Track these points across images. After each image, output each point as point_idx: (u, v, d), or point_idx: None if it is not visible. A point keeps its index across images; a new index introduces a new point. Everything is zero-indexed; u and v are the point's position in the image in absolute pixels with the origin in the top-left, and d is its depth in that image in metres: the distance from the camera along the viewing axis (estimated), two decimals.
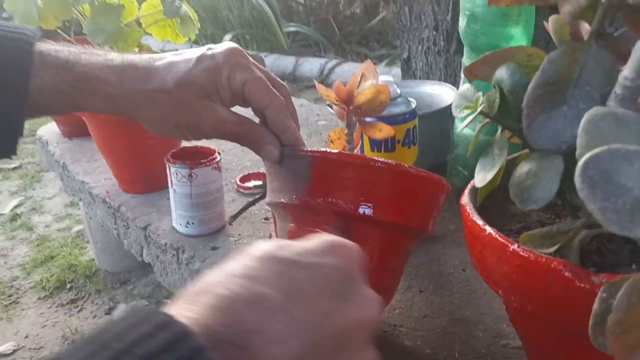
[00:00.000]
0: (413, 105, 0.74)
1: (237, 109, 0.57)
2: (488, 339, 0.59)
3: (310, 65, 3.09)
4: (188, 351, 0.25)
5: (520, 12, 0.73)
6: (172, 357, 0.24)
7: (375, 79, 0.59)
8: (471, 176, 0.44)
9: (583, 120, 0.32)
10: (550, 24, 0.44)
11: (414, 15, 1.30)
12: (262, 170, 1.02)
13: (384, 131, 0.62)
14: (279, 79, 0.57)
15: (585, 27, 0.40)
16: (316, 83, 0.61)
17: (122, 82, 0.51)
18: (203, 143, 1.01)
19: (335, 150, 0.53)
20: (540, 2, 0.40)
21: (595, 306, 0.30)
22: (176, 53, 0.54)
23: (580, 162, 0.29)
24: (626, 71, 0.34)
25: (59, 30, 0.83)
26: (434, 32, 1.24)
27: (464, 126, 0.47)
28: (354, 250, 0.35)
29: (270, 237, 0.80)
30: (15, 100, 0.48)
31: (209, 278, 0.30)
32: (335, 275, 0.33)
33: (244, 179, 1.00)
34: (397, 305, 0.66)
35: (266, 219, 0.88)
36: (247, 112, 0.56)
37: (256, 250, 0.32)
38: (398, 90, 0.74)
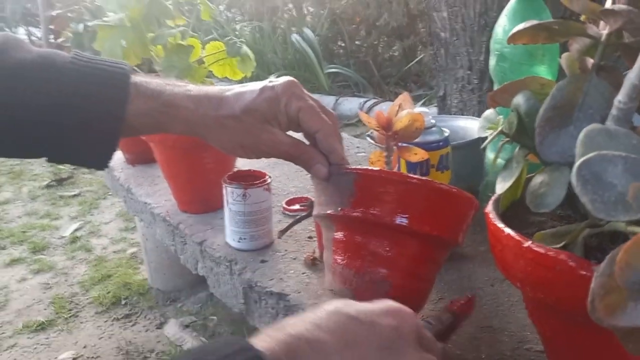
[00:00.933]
0: (446, 134, 0.82)
1: (291, 133, 0.66)
2: (513, 344, 0.65)
3: (350, 104, 3.21)
4: None
5: (544, 52, 0.81)
6: None
7: (411, 108, 0.68)
8: None
9: (581, 135, 0.39)
10: (563, 60, 0.52)
11: (450, 56, 1.39)
12: (306, 195, 1.11)
13: (419, 154, 0.70)
14: (328, 108, 0.66)
15: (590, 62, 0.48)
16: (360, 112, 0.70)
17: (198, 109, 0.61)
18: (255, 167, 1.11)
19: (376, 168, 0.62)
20: (552, 41, 0.48)
21: (592, 285, 0.37)
22: (242, 85, 0.64)
23: (575, 166, 0.36)
24: (620, 96, 0.42)
25: (135, 68, 0.95)
26: (468, 72, 1.32)
27: (496, 157, 0.55)
28: (410, 316, 0.43)
29: (314, 253, 0.87)
30: (113, 124, 0.58)
31: (287, 322, 0.39)
32: (389, 333, 0.41)
33: (290, 202, 1.09)
34: (429, 313, 0.72)
35: (310, 237, 0.96)
36: (299, 136, 0.65)
37: (327, 305, 0.42)
38: (433, 121, 0.82)
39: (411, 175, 0.60)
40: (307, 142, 0.66)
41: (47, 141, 0.56)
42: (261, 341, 0.37)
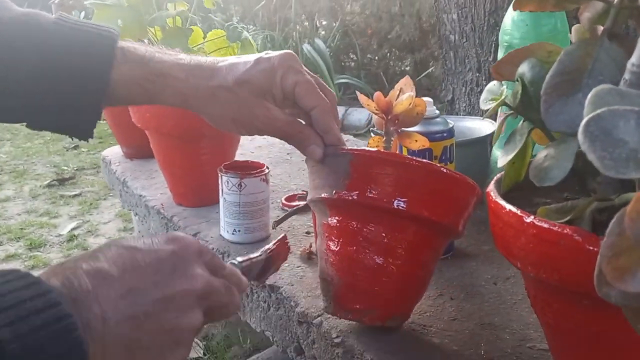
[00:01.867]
0: (450, 125, 0.78)
1: None
2: (515, 342, 0.61)
3: (359, 115, 3.18)
4: (44, 299, 0.35)
5: (555, 43, 0.78)
6: (33, 302, 0.34)
7: (412, 92, 0.65)
8: None
9: (590, 94, 0.36)
10: (573, 33, 0.49)
11: (459, 59, 1.36)
12: (306, 190, 1.08)
13: (420, 141, 0.66)
14: (326, 85, 0.63)
15: (601, 29, 0.45)
16: (358, 94, 0.67)
17: (189, 79, 0.58)
18: (254, 158, 1.08)
19: (374, 149, 0.58)
20: (562, 8, 0.45)
21: (600, 250, 0.33)
22: (237, 56, 0.61)
23: (583, 121, 0.33)
24: (633, 58, 0.39)
25: None
26: (477, 74, 1.29)
27: (498, 131, 0.51)
28: (192, 241, 0.45)
29: (310, 247, 0.84)
30: (97, 87, 0.55)
31: (77, 256, 0.41)
32: (169, 257, 0.43)
33: (289, 198, 1.06)
34: (428, 309, 0.68)
35: (307, 232, 0.92)
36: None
37: (110, 241, 0.43)
38: (437, 111, 0.79)
39: (410, 157, 0.57)
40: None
41: (26, 104, 0.54)
42: (46, 276, 0.38)
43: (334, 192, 0.59)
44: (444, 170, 0.58)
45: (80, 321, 0.36)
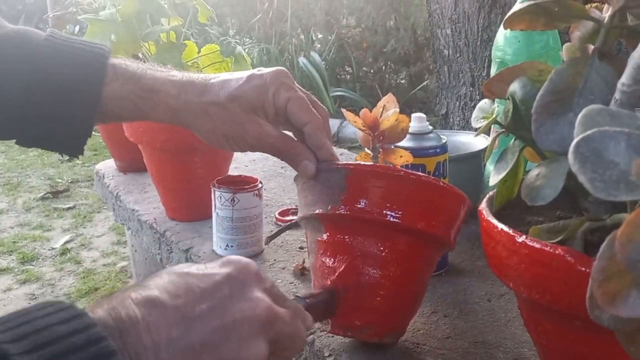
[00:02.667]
0: (443, 140, 0.78)
1: None
2: None
3: (354, 128, 3.18)
4: (86, 335, 0.31)
5: (547, 59, 0.78)
6: (73, 337, 0.30)
7: (397, 109, 0.65)
8: None
9: (580, 114, 0.36)
10: (564, 51, 0.49)
11: (453, 74, 1.37)
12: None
13: (404, 157, 0.66)
14: (318, 102, 0.63)
15: (592, 48, 0.45)
16: (344, 111, 0.67)
17: (181, 95, 0.58)
18: (248, 172, 1.08)
19: (369, 163, 0.58)
20: (552, 27, 0.45)
21: (591, 272, 0.33)
22: (230, 73, 0.61)
23: (574, 142, 0.33)
24: (624, 78, 0.39)
25: None
26: (471, 89, 1.30)
27: (490, 148, 0.51)
28: (248, 264, 0.42)
29: (304, 262, 0.83)
30: (88, 104, 0.55)
31: (125, 287, 0.38)
32: (226, 281, 0.39)
33: (283, 213, 1.05)
34: (422, 327, 0.68)
35: (301, 248, 0.92)
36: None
37: (163, 270, 0.40)
38: (430, 127, 0.79)
39: (404, 169, 0.57)
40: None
41: (17, 120, 0.54)
42: (90, 309, 0.34)
43: (329, 207, 0.58)
44: (436, 183, 0.58)
45: (129, 355, 0.32)
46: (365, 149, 0.68)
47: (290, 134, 0.63)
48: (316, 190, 0.61)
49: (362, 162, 0.57)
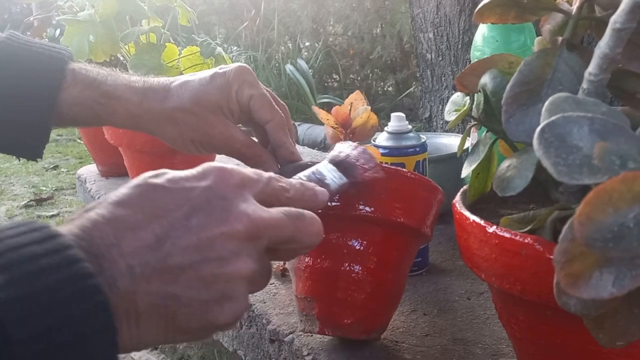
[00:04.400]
0: (423, 140, 0.79)
1: None
2: (486, 357, 0.60)
3: None
4: (64, 258, 0.29)
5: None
6: (48, 257, 0.29)
7: (367, 106, 0.65)
8: None
9: (547, 102, 0.36)
10: (535, 44, 0.50)
11: (435, 77, 1.37)
12: None
13: (373, 154, 0.66)
14: (278, 98, 0.63)
15: (561, 40, 0.45)
16: (314, 108, 0.67)
17: (142, 102, 0.58)
18: None
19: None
20: (523, 20, 0.45)
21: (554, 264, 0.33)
22: (190, 74, 0.61)
23: (538, 128, 0.33)
24: (590, 68, 0.39)
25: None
26: (453, 91, 1.30)
27: (463, 141, 0.51)
28: (230, 172, 0.38)
29: (284, 263, 0.83)
30: (44, 107, 0.55)
31: (91, 205, 0.35)
32: (203, 195, 0.36)
33: None
34: (401, 325, 0.68)
35: None
36: None
37: (135, 179, 0.37)
38: (409, 126, 0.79)
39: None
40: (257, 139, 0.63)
41: None
42: (62, 228, 0.32)
43: None
44: (405, 173, 0.58)
45: (105, 279, 0.31)
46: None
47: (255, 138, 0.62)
48: None
49: (318, 160, 0.57)
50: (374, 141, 0.81)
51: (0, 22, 5.38)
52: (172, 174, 0.37)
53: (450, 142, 1.08)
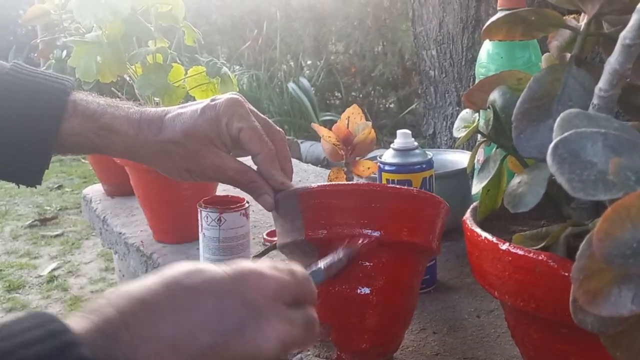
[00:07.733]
0: (429, 156, 0.78)
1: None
2: None
3: None
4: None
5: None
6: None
7: (367, 121, 0.65)
8: None
9: (559, 118, 0.36)
10: (543, 61, 0.50)
11: (439, 94, 1.38)
12: None
13: (371, 168, 0.66)
14: (276, 126, 0.63)
15: (569, 56, 0.45)
16: (314, 125, 0.67)
17: (139, 135, 0.59)
18: (236, 192, 1.07)
19: (317, 184, 0.58)
20: (530, 36, 0.45)
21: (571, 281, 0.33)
22: (182, 106, 0.61)
23: (552, 144, 0.33)
24: (601, 83, 0.39)
25: (113, 89, 0.93)
26: (457, 108, 1.31)
27: (472, 158, 0.51)
28: (268, 281, 0.37)
29: None
30: (45, 138, 0.56)
31: (111, 295, 0.33)
32: (237, 310, 0.35)
33: (271, 233, 1.05)
34: (411, 344, 0.67)
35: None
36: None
37: (166, 273, 0.35)
38: (415, 143, 0.79)
39: (360, 182, 0.57)
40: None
41: None
42: (77, 320, 0.31)
43: (297, 234, 0.58)
44: (403, 191, 0.58)
45: None
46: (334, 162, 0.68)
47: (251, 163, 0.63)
48: (282, 220, 0.61)
49: (313, 185, 0.57)
50: (380, 158, 0.81)
51: (5, 44, 5.43)
52: (207, 274, 0.36)
53: (455, 158, 1.07)
